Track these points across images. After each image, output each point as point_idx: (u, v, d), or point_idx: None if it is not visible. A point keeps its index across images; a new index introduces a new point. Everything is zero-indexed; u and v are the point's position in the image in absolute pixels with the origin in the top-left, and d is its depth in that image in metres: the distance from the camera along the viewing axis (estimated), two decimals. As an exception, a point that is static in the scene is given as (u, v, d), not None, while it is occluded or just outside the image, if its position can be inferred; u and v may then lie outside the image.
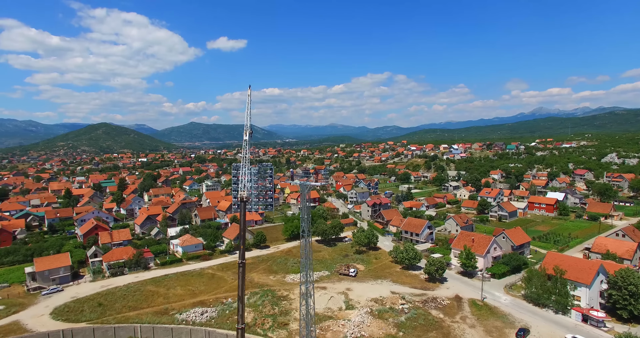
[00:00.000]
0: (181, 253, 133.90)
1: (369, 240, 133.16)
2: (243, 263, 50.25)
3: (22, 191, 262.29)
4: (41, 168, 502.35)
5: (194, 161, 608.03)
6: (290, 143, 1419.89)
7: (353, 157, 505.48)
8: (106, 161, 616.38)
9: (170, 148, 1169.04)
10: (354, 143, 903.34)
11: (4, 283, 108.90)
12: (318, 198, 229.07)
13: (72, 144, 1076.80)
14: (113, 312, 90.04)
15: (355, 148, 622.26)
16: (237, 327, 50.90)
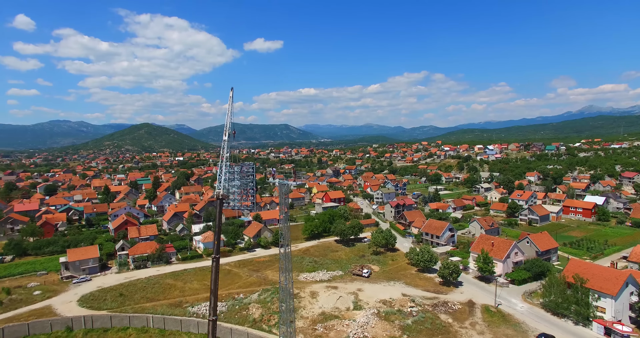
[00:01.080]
0: (202, 249, 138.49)
1: (386, 241, 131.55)
2: (217, 258, 51.53)
3: (68, 187, 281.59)
4: (88, 166, 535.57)
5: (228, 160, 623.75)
6: (325, 143, 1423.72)
7: (385, 157, 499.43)
8: (146, 159, 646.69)
9: (208, 148, 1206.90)
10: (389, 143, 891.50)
11: (43, 270, 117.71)
12: (343, 198, 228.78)
13: (117, 143, 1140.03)
14: (132, 302, 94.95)
15: (388, 148, 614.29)
16: (208, 319, 52.28)
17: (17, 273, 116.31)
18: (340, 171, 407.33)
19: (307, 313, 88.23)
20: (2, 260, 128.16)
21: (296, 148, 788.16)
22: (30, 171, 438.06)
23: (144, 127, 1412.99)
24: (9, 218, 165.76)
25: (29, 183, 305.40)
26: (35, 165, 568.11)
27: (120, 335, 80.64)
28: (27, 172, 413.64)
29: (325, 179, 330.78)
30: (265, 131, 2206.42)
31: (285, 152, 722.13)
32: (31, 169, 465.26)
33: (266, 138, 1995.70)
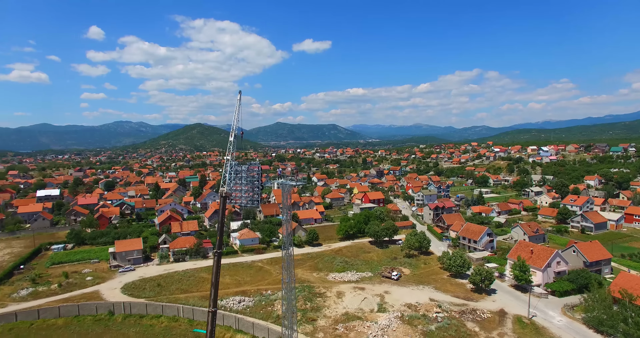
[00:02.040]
0: (238, 246, 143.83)
1: (420, 244, 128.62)
2: (219, 253, 53.73)
3: (125, 184, 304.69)
4: (144, 163, 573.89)
5: (274, 159, 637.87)
6: (373, 143, 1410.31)
7: (431, 158, 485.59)
8: (196, 158, 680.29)
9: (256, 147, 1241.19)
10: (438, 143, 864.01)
11: (96, 259, 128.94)
12: (382, 199, 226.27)
13: (172, 142, 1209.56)
14: (167, 292, 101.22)
15: (435, 149, 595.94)
16: (208, 310, 54.55)
17: (75, 259, 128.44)
18: (384, 171, 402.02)
19: (330, 313, 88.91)
20: (64, 247, 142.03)
21: (341, 148, 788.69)
22: (95, 168, 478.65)
23: (197, 127, 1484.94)
24: (73, 211, 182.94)
25: (92, 179, 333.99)
26: (100, 163, 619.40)
27: (154, 322, 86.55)
28: (92, 169, 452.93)
29: (368, 180, 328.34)
30: (313, 131, 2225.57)
31: (330, 152, 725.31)
32: (96, 167, 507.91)
33: (314, 137, 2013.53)
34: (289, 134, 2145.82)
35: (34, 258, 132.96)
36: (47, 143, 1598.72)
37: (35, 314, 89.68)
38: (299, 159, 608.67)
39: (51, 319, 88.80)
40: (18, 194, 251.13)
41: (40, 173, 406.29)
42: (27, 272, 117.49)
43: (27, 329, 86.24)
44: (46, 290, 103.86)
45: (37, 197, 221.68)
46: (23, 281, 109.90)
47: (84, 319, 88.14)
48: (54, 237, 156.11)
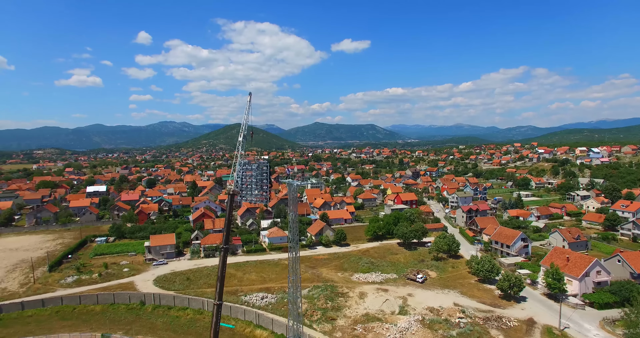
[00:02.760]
0: (267, 244, 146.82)
1: (449, 246, 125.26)
2: (225, 248, 55.48)
3: (165, 181, 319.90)
4: (185, 162, 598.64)
5: (311, 159, 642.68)
6: (412, 144, 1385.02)
7: (470, 159, 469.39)
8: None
9: (294, 147, 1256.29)
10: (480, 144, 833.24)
11: (133, 252, 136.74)
12: (415, 201, 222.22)
13: (212, 142, 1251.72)
14: (195, 286, 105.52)
15: (475, 150, 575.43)
16: (214, 303, 56.21)
17: (115, 252, 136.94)
18: (421, 173, 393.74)
19: (350, 313, 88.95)
20: (106, 239, 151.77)
21: (378, 149, 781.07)
22: (140, 166, 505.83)
23: (236, 127, 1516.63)
24: (116, 206, 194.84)
25: (136, 176, 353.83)
26: (145, 161, 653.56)
27: (180, 313, 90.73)
28: (137, 167, 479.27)
29: (402, 181, 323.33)
30: (352, 131, 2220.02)
31: (367, 152, 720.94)
32: (141, 165, 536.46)
33: (352, 138, 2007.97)
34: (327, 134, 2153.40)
35: (81, 248, 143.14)
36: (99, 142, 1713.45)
37: (77, 300, 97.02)
38: (335, 159, 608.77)
39: (90, 305, 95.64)
40: (71, 190, 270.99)
41: (91, 170, 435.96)
42: (74, 261, 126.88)
43: (70, 312, 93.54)
44: (88, 279, 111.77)
45: (87, 193, 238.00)
46: (70, 270, 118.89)
47: (119, 307, 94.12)
48: (99, 230, 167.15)
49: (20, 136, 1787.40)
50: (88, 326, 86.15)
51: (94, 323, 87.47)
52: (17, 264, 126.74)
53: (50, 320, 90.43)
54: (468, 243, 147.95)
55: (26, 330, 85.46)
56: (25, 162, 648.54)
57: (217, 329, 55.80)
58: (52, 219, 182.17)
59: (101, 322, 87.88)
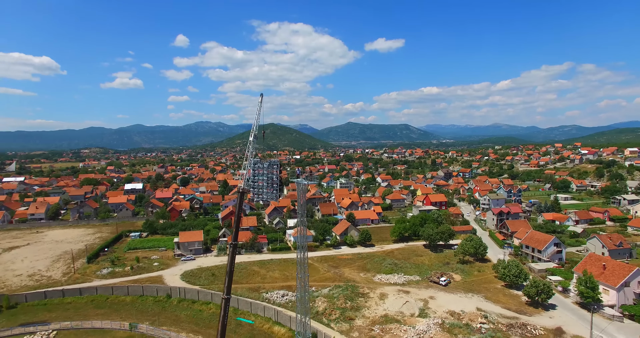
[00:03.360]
0: (292, 242, 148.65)
1: (475, 249, 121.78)
2: (234, 244, 56.87)
3: (198, 180, 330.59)
4: (218, 161, 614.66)
5: (342, 159, 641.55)
6: (447, 144, 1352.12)
7: (505, 160, 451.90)
8: (267, 157, 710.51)
9: (327, 147, 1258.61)
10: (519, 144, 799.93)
11: (163, 247, 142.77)
12: (445, 202, 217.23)
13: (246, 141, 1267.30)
14: (219, 282, 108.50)
15: (512, 150, 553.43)
16: (222, 297, 57.49)
17: (147, 246, 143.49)
18: (453, 174, 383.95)
19: (369, 313, 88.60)
20: (140, 235, 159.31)
21: (411, 149, 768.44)
22: (176, 165, 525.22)
23: (269, 127, 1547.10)
24: (150, 203, 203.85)
25: (171, 175, 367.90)
26: (181, 160, 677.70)
27: (203, 307, 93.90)
28: (173, 166, 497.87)
29: (433, 182, 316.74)
30: (385, 131, 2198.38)
31: (399, 152, 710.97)
32: (176, 164, 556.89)
33: (385, 138, 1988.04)
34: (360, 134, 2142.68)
35: (116, 242, 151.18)
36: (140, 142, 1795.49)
37: (110, 290, 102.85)
38: (367, 159, 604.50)
39: (121, 296, 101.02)
40: (111, 187, 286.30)
41: (130, 169, 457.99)
42: (109, 254, 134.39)
43: (104, 302, 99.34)
44: (121, 271, 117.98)
45: (124, 190, 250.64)
46: (105, 262, 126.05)
47: (147, 299, 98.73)
48: (134, 226, 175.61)
49: (71, 136, 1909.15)
50: (118, 315, 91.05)
51: (124, 313, 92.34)
52: (61, 255, 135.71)
53: (86, 307, 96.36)
54: (497, 246, 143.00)
55: (65, 316, 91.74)
56: (74, 160, 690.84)
57: (224, 322, 57.48)
58: (92, 214, 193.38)
59: (130, 312, 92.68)
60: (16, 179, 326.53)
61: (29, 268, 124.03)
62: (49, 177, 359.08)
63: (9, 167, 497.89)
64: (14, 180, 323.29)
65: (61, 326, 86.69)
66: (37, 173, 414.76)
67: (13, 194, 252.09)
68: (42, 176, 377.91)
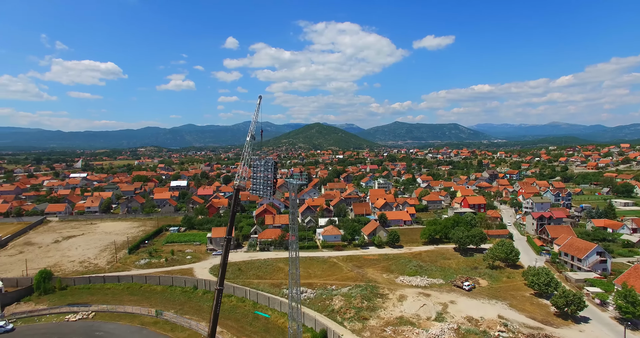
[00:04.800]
0: (321, 241, 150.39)
1: (506, 255, 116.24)
2: (228, 239, 59.12)
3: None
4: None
5: (385, 159, 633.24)
6: (498, 144, 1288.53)
7: (559, 162, 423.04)
8: (310, 157, 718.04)
9: (373, 147, 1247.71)
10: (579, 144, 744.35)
11: (197, 242, 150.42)
12: (484, 204, 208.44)
13: (292, 141, 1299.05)
14: (245, 277, 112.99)
15: (567, 151, 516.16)
16: (215, 288, 59.63)
17: (184, 240, 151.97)
18: (499, 175, 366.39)
19: (384, 314, 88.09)
20: (178, 229, 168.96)
21: (456, 149, 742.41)
22: (222, 163, 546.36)
23: (315, 126, 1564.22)
24: (191, 200, 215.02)
25: (216, 173, 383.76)
26: (228, 159, 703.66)
27: (225, 300, 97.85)
28: (219, 164, 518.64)
29: (476, 184, 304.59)
30: (433, 130, 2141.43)
31: (444, 153, 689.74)
32: (223, 162, 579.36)
33: (433, 137, 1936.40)
34: (407, 133, 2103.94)
35: (156, 236, 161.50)
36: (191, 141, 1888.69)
37: (144, 279, 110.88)
38: (410, 159, 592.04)
39: (153, 285, 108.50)
40: (159, 184, 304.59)
41: (179, 167, 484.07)
42: (149, 246, 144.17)
43: (138, 289, 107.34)
44: (157, 262, 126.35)
45: (170, 187, 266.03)
46: (144, 253, 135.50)
47: (175, 289, 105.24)
48: (174, 221, 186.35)
49: (129, 136, 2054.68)
50: (148, 302, 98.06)
51: (154, 300, 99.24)
52: (108, 245, 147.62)
53: (122, 293, 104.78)
54: (534, 253, 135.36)
55: (104, 300, 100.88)
56: (130, 158, 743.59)
57: (217, 311, 59.81)
58: (139, 208, 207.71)
59: (159, 300, 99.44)
60: (80, 175, 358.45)
61: (80, 256, 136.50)
62: (107, 173, 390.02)
63: (76, 164, 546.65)
64: (78, 176, 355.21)
65: (99, 308, 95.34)
66: (98, 169, 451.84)
67: (76, 189, 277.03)
68: (102, 172, 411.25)
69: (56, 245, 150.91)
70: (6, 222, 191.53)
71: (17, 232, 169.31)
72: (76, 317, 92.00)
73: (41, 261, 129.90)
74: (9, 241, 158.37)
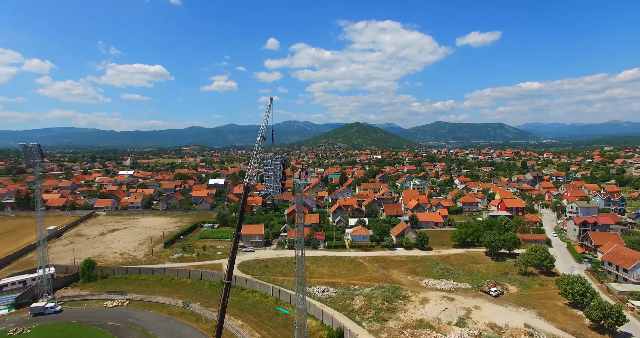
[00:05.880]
0: (349, 241, 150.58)
1: (540, 261, 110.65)
2: (237, 235, 60.84)
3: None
4: (300, 160, 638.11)
5: (424, 160, 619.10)
6: (547, 145, 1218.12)
7: (614, 164, 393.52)
8: (348, 156, 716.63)
9: (413, 147, 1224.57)
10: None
11: (228, 238, 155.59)
12: (522, 208, 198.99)
13: (331, 141, 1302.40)
14: (270, 273, 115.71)
15: (625, 152, 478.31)
16: (224, 281, 61.01)
17: (216, 237, 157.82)
18: (544, 177, 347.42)
19: (404, 317, 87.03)
20: (212, 226, 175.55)
21: (499, 150, 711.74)
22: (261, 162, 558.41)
23: (355, 126, 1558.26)
24: (226, 197, 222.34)
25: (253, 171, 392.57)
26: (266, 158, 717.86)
27: (249, 295, 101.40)
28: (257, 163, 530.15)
29: (517, 186, 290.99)
30: (477, 130, 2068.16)
31: (485, 153, 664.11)
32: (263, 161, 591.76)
33: (477, 137, 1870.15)
34: (449, 133, 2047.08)
35: (191, 232, 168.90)
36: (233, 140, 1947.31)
37: (175, 272, 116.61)
38: (450, 160, 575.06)
39: (183, 278, 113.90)
40: (199, 182, 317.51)
41: (219, 165, 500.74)
42: (183, 241, 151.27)
43: (169, 281, 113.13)
44: (189, 257, 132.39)
45: (208, 185, 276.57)
46: (178, 248, 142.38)
47: (203, 283, 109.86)
48: (209, 217, 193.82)
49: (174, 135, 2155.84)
50: (178, 294, 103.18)
51: (183, 293, 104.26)
52: (146, 239, 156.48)
53: (155, 284, 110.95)
54: (574, 260, 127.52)
55: (138, 289, 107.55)
56: (175, 157, 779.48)
57: (224, 304, 61.39)
58: (177, 205, 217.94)
59: (187, 293, 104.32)
60: (127, 173, 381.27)
61: (121, 248, 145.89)
62: (152, 171, 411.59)
63: (125, 162, 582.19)
64: (125, 173, 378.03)
65: (133, 297, 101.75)
66: (144, 167, 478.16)
67: (122, 185, 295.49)
68: (147, 170, 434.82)
69: (101, 237, 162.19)
70: (62, 215, 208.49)
71: (70, 224, 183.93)
72: (113, 304, 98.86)
73: (88, 252, 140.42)
74: (64, 232, 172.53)
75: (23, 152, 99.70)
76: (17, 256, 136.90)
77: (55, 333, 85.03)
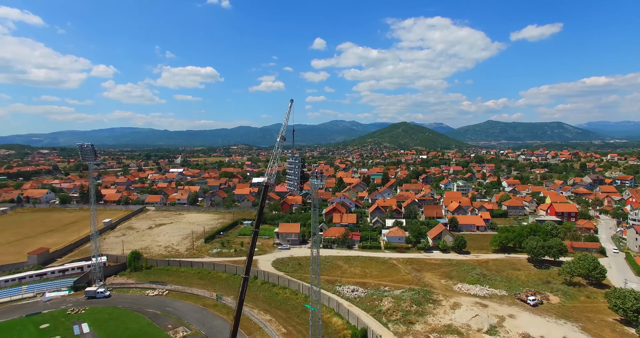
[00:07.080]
0: (385, 242, 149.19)
1: (588, 271, 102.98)
2: (256, 231, 62.22)
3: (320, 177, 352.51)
4: (345, 159, 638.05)
5: (472, 160, 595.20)
6: (615, 145, 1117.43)
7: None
8: (393, 156, 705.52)
9: (462, 147, 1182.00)
10: None
11: (267, 236, 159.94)
12: (575, 213, 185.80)
13: (377, 140, 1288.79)
14: (302, 271, 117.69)
15: None
16: (242, 276, 62.31)
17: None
18: (606, 181, 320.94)
19: (432, 321, 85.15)
20: (251, 223, 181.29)
21: (555, 151, 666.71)
22: (306, 162, 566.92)
23: (402, 126, 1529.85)
24: (268, 196, 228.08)
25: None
26: (312, 157, 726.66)
27: (280, 291, 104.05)
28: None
29: (572, 189, 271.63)
30: (532, 129, 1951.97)
31: (539, 154, 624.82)
32: (307, 161, 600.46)
33: (532, 137, 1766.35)
34: (501, 133, 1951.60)
35: (232, 228, 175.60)
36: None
37: (212, 266, 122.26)
38: (500, 161, 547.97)
39: (220, 272, 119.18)
40: (243, 180, 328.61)
41: (264, 164, 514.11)
42: (223, 237, 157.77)
43: (206, 275, 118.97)
44: (227, 252, 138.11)
45: (251, 183, 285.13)
46: (217, 243, 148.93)
47: (237, 277, 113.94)
48: (250, 215, 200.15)
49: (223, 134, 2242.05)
50: (213, 287, 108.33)
51: (217, 286, 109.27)
52: (189, 234, 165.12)
53: (193, 277, 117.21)
54: (633, 273, 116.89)
55: (177, 281, 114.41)
56: (223, 156, 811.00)
57: (242, 297, 63.18)
58: (221, 202, 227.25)
59: (222, 286, 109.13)
60: (177, 170, 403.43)
61: (166, 241, 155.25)
62: (200, 169, 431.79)
63: (176, 160, 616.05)
64: (176, 171, 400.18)
65: (172, 288, 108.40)
66: (194, 165, 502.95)
67: (172, 182, 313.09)
68: (196, 168, 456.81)
69: (149, 230, 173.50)
70: (117, 209, 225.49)
71: (123, 218, 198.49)
72: (154, 293, 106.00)
73: (136, 244, 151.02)
74: (117, 225, 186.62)
75: (80, 151, 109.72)
76: (79, 244, 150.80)
77: (103, 315, 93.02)
